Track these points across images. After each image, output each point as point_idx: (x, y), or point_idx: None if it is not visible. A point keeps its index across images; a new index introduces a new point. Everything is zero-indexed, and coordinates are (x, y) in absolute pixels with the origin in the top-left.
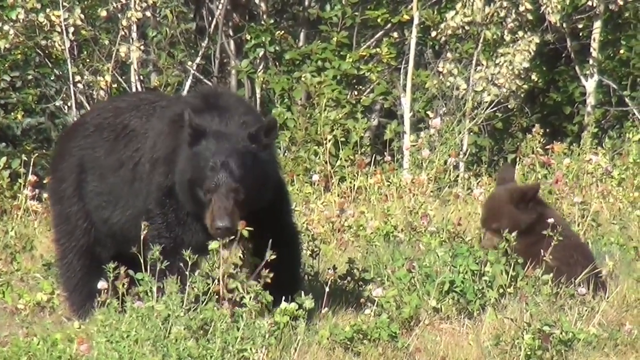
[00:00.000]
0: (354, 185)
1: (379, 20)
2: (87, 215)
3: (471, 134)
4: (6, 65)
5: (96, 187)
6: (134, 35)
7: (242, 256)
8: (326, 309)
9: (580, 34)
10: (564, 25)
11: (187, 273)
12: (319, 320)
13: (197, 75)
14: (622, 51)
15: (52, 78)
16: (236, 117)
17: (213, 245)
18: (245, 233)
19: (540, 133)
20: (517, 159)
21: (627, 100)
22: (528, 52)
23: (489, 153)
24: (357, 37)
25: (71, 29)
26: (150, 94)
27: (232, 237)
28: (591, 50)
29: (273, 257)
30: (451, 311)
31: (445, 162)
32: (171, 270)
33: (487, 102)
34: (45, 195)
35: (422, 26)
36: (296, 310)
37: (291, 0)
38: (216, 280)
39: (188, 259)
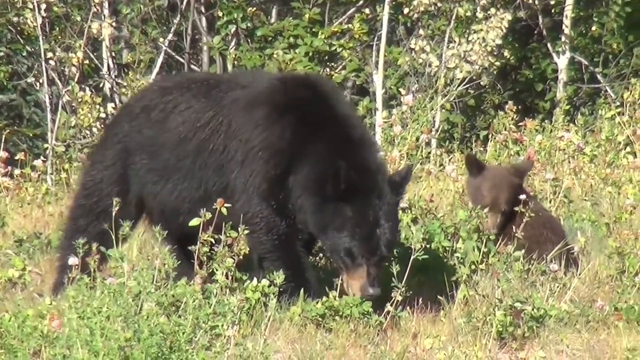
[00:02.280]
0: None
1: None
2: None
3: (443, 110)
4: None
5: (147, 164)
6: (106, 12)
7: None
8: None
9: (553, 11)
10: (536, 2)
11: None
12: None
13: (169, 51)
14: (594, 28)
15: (24, 55)
16: (372, 148)
17: (194, 222)
18: (224, 211)
19: (513, 110)
20: (490, 135)
21: (599, 77)
22: (500, 29)
23: (461, 130)
24: (329, 14)
25: (43, 6)
26: (195, 73)
27: None
28: (563, 27)
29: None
30: (423, 288)
31: (418, 139)
32: (284, 261)
33: (459, 79)
34: (17, 171)
35: (394, 3)
36: (267, 287)
37: None
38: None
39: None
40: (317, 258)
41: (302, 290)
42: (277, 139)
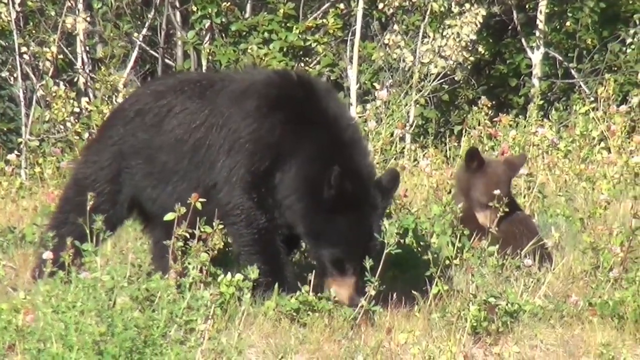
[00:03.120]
0: None
1: None
2: (118, 194)
3: (418, 105)
4: None
5: (143, 168)
6: (80, 6)
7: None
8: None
9: (527, 6)
10: None
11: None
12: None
13: (143, 46)
14: (568, 23)
15: None
16: (362, 150)
17: (168, 216)
18: (199, 205)
19: (487, 105)
20: (464, 131)
21: (573, 72)
22: (475, 24)
23: (435, 125)
24: (303, 9)
25: (17, 0)
26: (188, 74)
27: None
28: (538, 22)
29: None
30: (397, 283)
31: (392, 134)
32: (262, 255)
33: (433, 74)
34: None
35: None
36: (242, 281)
37: None
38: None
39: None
40: (292, 253)
41: (276, 285)
42: (266, 133)
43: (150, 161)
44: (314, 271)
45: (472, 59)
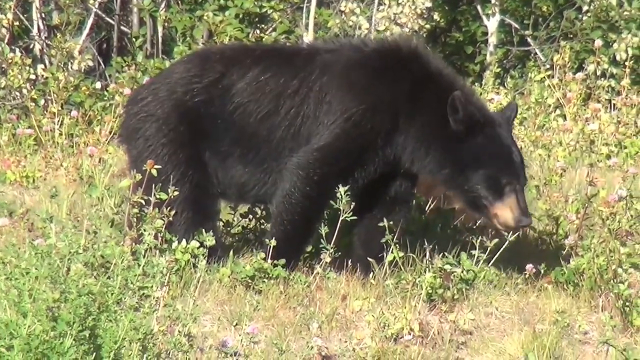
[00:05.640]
0: None
1: None
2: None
3: None
4: None
5: (226, 138)
6: None
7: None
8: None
9: None
10: None
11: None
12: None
13: (99, 13)
14: None
15: None
16: (474, 92)
17: (124, 183)
18: (154, 172)
19: None
20: None
21: (529, 40)
22: None
23: None
24: None
25: None
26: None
27: None
28: None
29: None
30: (352, 249)
31: None
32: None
33: None
34: None
35: None
36: (197, 248)
37: None
38: None
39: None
40: (247, 220)
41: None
42: (374, 102)
43: (237, 131)
44: (273, 238)
45: (427, 26)
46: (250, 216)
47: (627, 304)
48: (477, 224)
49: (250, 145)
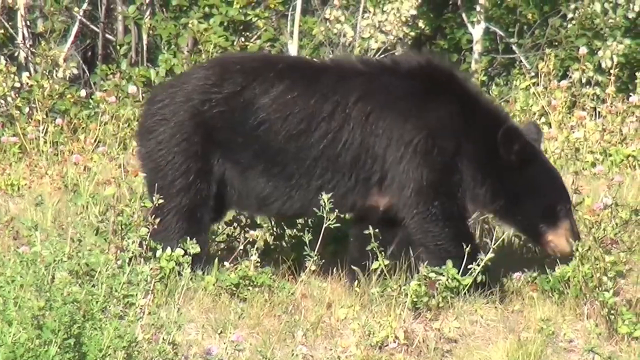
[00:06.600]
0: None
1: None
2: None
3: None
4: None
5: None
6: None
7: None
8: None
9: None
10: None
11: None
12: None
13: (83, 21)
14: None
15: None
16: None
17: (109, 191)
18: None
19: None
20: None
21: (514, 47)
22: (415, 0)
23: None
24: None
25: None
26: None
27: None
28: None
29: None
30: (337, 257)
31: None
32: (458, 237)
33: (374, 49)
34: None
35: None
36: (182, 256)
37: None
38: None
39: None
40: (232, 228)
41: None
42: (436, 126)
43: (261, 145)
44: (256, 247)
45: (412, 34)
46: (235, 224)
47: (612, 312)
48: None
49: (276, 160)
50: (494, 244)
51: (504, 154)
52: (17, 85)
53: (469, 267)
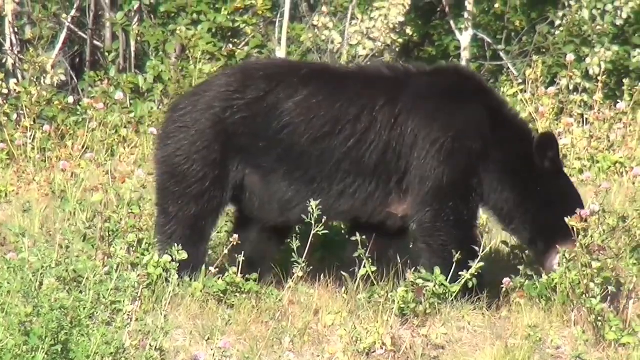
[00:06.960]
0: None
1: None
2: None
3: None
4: None
5: (271, 154)
6: None
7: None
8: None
9: None
10: None
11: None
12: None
13: (71, 27)
14: (497, 5)
15: None
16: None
17: (96, 198)
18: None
19: None
20: None
21: (501, 54)
22: (403, 6)
23: None
24: None
25: None
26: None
27: None
28: (466, 4)
29: None
30: (324, 264)
31: None
32: (465, 241)
33: (362, 55)
34: None
35: None
36: (169, 262)
37: None
38: None
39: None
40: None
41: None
42: (463, 129)
43: (284, 148)
44: (242, 252)
45: (400, 40)
46: (225, 231)
47: (600, 318)
48: None
49: (298, 163)
50: (482, 252)
51: (538, 160)
52: (5, 91)
53: (459, 273)
